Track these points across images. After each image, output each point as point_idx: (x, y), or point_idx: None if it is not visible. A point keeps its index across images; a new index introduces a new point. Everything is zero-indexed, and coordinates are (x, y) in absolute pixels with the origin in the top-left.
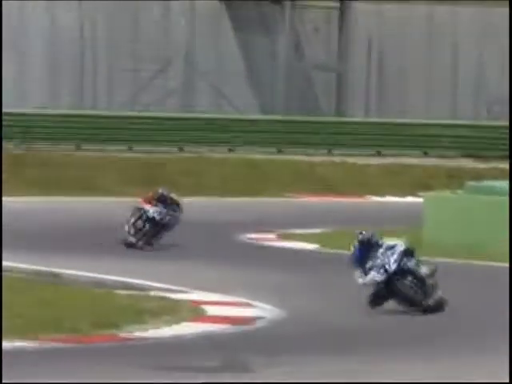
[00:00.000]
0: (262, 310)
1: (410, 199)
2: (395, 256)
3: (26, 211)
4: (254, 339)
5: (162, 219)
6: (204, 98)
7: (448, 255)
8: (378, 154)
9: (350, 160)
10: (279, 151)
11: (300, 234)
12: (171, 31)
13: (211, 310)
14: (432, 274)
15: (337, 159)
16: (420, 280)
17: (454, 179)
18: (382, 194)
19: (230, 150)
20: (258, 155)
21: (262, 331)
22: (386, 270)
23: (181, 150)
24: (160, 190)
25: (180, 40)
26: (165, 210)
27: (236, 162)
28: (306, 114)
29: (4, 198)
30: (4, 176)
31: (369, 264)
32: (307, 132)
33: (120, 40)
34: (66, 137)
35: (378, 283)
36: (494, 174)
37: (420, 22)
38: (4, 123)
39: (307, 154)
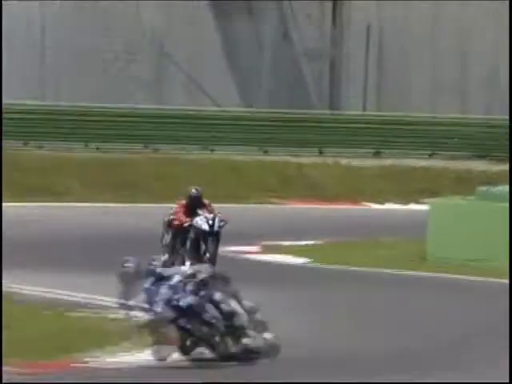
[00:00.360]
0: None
1: (413, 207)
2: (188, 288)
3: None
4: (235, 366)
5: (212, 226)
6: (179, 91)
7: (456, 271)
8: (377, 154)
9: (345, 161)
10: (264, 151)
11: (287, 247)
12: (143, 17)
13: None
14: (252, 311)
15: (330, 160)
16: (226, 317)
17: (465, 184)
18: (382, 201)
19: (208, 151)
20: (240, 156)
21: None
22: (173, 306)
23: (154, 150)
24: (193, 191)
25: (152, 26)
26: (210, 215)
27: (215, 164)
28: (295, 108)
29: None
30: None
31: (148, 298)
32: (296, 129)
33: (87, 28)
34: (24, 132)
35: (173, 321)
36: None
37: (425, 4)
38: None
39: (296, 155)
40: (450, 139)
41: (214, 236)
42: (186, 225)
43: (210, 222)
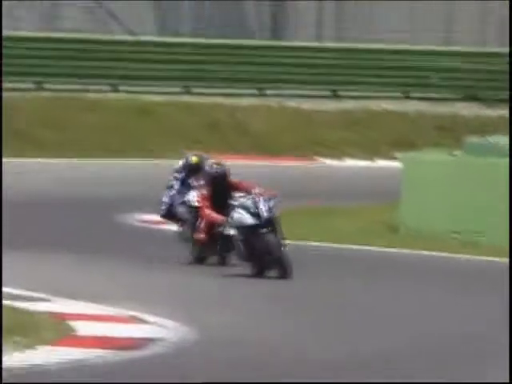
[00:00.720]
0: (159, 328)
1: (381, 163)
2: None
3: None
4: (147, 372)
5: (258, 214)
6: (74, 8)
7: (437, 247)
8: (335, 95)
9: (293, 104)
10: (186, 90)
11: None
12: None
13: (82, 328)
14: None
15: (273, 102)
16: None
17: (448, 133)
18: (341, 156)
19: (112, 88)
20: (154, 96)
21: (158, 360)
22: None
23: (39, 87)
24: (214, 166)
25: None
26: (249, 199)
27: (121, 107)
28: (226, 36)
29: None
30: None
31: None
32: (228, 62)
33: None
34: None
35: None
36: (506, 126)
37: None
38: None
39: (227, 95)
40: (429, 76)
41: (267, 226)
42: (222, 229)
43: (253, 209)
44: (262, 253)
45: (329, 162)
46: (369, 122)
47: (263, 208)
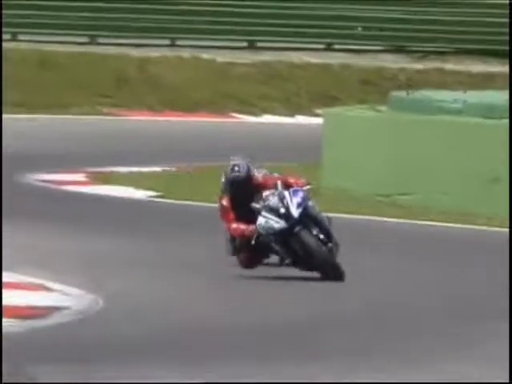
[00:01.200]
0: (64, 297)
1: (301, 119)
2: None
3: None
4: (50, 342)
5: (288, 214)
6: None
7: (360, 210)
8: (252, 45)
9: (207, 55)
10: (92, 40)
11: (124, 175)
12: None
13: None
14: None
15: (185, 54)
16: None
17: (374, 87)
18: (258, 112)
19: (11, 37)
20: (55, 46)
21: (62, 329)
22: None
23: None
24: (235, 169)
25: None
26: (274, 198)
27: (19, 56)
28: None
29: None
30: None
31: None
32: (136, 9)
33: None
34: None
35: None
36: (440, 80)
37: None
38: None
39: (137, 45)
40: (356, 28)
41: (301, 224)
42: (253, 241)
43: (282, 209)
44: (304, 254)
45: (246, 118)
46: (289, 76)
47: (291, 204)
